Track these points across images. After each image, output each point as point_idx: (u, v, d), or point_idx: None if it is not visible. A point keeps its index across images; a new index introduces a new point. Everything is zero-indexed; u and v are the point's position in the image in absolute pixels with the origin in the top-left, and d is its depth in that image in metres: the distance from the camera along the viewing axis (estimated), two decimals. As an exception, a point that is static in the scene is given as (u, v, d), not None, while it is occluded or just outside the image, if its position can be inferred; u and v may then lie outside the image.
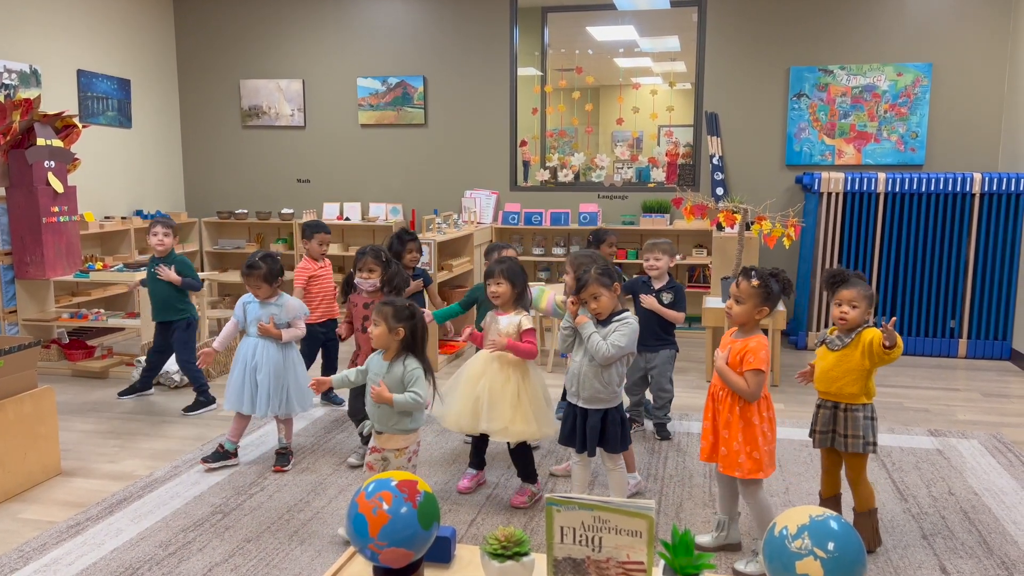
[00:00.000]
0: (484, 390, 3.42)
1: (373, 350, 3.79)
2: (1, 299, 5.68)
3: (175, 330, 4.98)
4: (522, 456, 3.59)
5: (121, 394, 5.18)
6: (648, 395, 4.54)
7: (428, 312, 3.76)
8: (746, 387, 2.84)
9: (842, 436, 3.04)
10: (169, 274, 4.85)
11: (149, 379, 5.23)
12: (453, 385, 3.58)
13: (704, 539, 3.12)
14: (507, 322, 3.47)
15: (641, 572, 1.67)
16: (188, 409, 4.91)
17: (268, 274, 3.90)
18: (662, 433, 4.41)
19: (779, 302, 2.97)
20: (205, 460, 3.96)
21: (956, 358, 6.39)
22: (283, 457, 4.00)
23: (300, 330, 4.00)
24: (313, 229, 4.94)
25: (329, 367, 4.95)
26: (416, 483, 1.83)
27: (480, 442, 3.72)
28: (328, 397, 5.04)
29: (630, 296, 4.43)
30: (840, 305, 3.00)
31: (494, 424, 3.40)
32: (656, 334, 4.34)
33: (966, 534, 3.28)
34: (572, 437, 3.23)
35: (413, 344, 3.02)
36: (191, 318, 5.02)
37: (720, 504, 3.13)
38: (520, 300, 3.53)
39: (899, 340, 2.89)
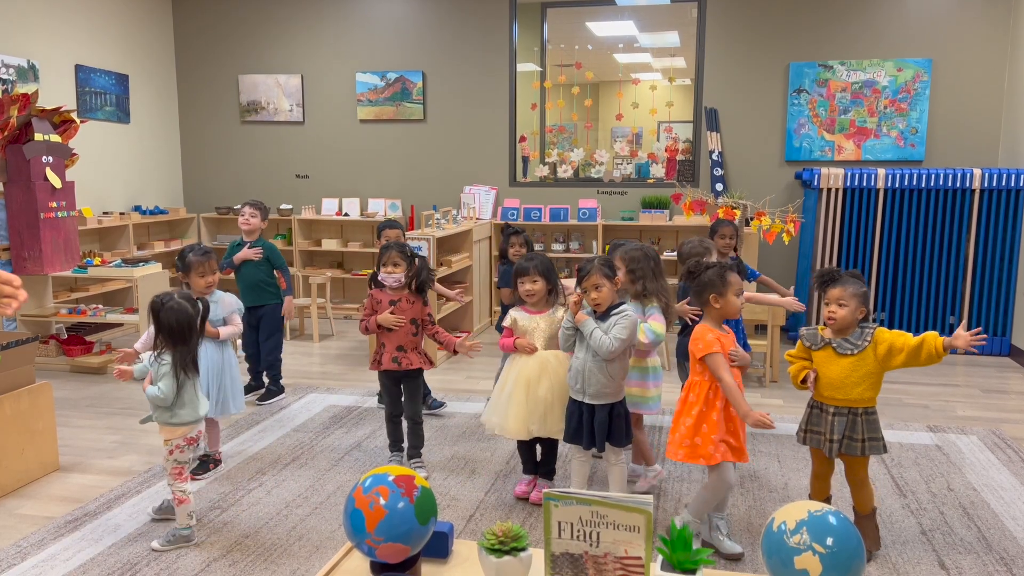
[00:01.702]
0: (549, 391, 3.34)
1: (396, 347, 3.75)
2: None
3: (263, 316, 4.94)
4: (554, 452, 3.58)
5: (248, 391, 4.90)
6: None
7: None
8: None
9: (859, 441, 2.94)
10: (246, 252, 4.83)
11: (259, 374, 5.09)
12: (505, 393, 3.41)
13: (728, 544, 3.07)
14: (550, 320, 3.41)
15: (639, 567, 1.66)
16: (262, 399, 4.96)
17: (216, 259, 3.85)
18: None
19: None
20: (194, 474, 3.74)
21: (955, 354, 6.36)
22: (203, 465, 3.81)
23: (237, 327, 3.84)
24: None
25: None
26: (413, 478, 1.82)
27: (530, 445, 3.60)
28: (428, 404, 4.73)
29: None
30: (828, 304, 2.96)
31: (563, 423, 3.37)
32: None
33: (965, 530, 3.28)
34: (578, 434, 3.21)
35: (169, 338, 3.05)
36: (280, 302, 4.99)
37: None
38: (552, 296, 3.46)
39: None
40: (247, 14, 7.95)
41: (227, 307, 3.83)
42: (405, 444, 3.90)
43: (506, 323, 3.50)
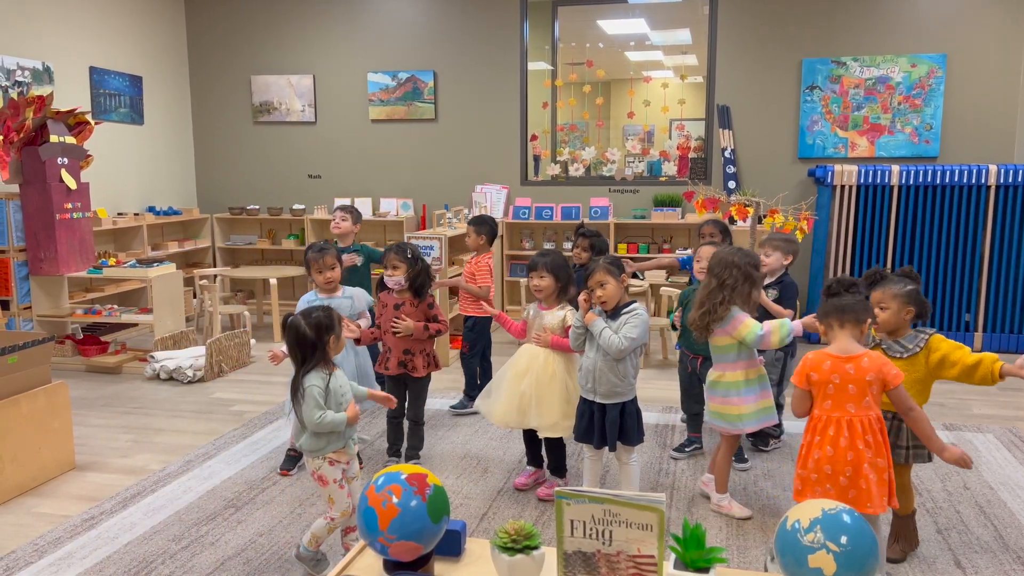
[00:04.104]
0: (530, 386, 3.39)
1: (403, 351, 3.71)
2: (16, 295, 5.72)
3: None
4: (558, 449, 3.58)
5: None
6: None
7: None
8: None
9: (904, 449, 2.86)
10: (352, 257, 4.78)
11: None
12: (499, 380, 3.54)
13: None
14: (552, 317, 3.44)
15: (652, 566, 1.66)
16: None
17: (338, 253, 3.85)
18: (758, 442, 4.10)
19: None
20: (285, 470, 3.84)
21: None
22: (293, 460, 3.88)
23: (367, 319, 3.88)
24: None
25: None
26: (426, 476, 1.83)
27: (532, 438, 3.65)
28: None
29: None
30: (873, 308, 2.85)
31: (544, 420, 3.38)
32: None
33: (981, 529, 3.25)
34: (589, 433, 3.21)
35: (300, 359, 2.77)
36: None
37: None
38: (563, 294, 3.48)
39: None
40: (259, 15, 7.98)
41: (361, 302, 3.88)
42: (404, 446, 3.92)
43: (523, 314, 3.59)
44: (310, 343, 2.73)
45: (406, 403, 3.85)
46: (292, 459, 3.91)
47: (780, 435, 4.20)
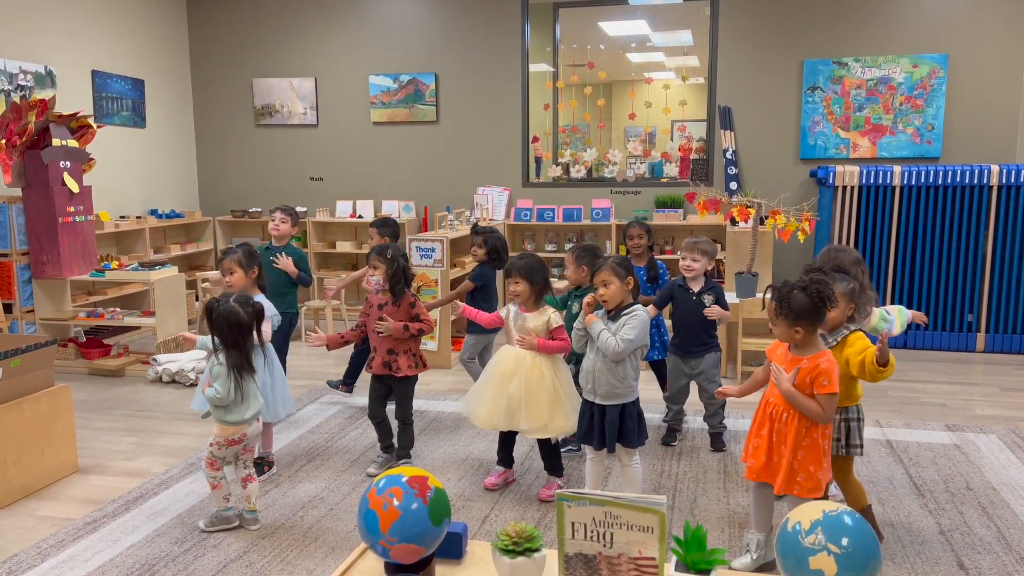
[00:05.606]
0: (519, 388, 3.39)
1: (387, 350, 3.75)
2: (19, 298, 5.73)
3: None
4: (551, 449, 3.58)
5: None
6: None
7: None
8: (820, 411, 2.63)
9: (836, 440, 2.93)
10: (287, 264, 4.66)
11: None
12: (484, 383, 3.53)
13: (743, 561, 2.90)
14: (536, 320, 3.45)
15: (653, 568, 1.66)
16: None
17: (245, 256, 3.76)
18: (716, 444, 4.13)
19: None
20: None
21: (974, 352, 6.32)
22: (258, 467, 3.78)
23: (268, 323, 3.66)
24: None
25: None
26: (427, 479, 1.83)
27: (507, 439, 3.68)
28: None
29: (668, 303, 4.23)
30: None
31: (533, 422, 3.38)
32: (699, 338, 4.09)
33: (984, 529, 3.25)
34: (590, 434, 3.21)
35: (222, 340, 3.16)
36: (294, 313, 4.78)
37: (757, 524, 2.92)
38: (541, 296, 3.49)
39: (892, 358, 2.76)
40: (261, 18, 7.99)
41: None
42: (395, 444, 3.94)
43: (500, 312, 3.64)
44: (247, 328, 3.16)
45: (392, 403, 3.86)
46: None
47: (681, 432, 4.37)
